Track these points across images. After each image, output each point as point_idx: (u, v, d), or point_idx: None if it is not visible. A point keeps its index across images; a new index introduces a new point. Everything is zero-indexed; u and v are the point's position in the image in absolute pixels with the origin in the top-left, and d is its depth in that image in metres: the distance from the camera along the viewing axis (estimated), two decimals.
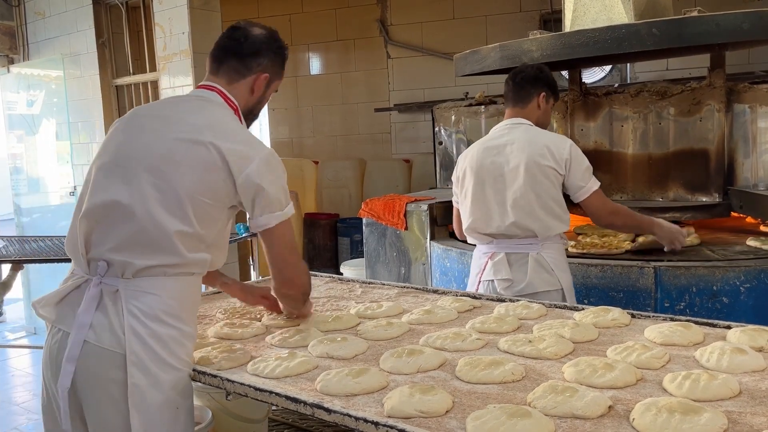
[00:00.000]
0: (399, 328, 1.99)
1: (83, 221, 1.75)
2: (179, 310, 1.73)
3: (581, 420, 1.33)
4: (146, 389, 1.66)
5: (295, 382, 1.62)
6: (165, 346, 1.69)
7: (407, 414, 1.38)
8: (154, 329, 1.68)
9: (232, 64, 1.88)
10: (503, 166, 2.68)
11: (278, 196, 1.79)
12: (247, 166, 1.73)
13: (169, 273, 1.72)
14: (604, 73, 6.35)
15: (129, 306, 1.68)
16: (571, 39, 3.13)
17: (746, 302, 2.68)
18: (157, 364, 1.67)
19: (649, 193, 3.74)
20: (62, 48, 6.11)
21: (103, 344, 1.68)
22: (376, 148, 7.43)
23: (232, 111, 1.87)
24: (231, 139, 1.75)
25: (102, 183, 1.76)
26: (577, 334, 1.84)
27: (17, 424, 4.20)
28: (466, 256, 3.30)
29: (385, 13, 7.30)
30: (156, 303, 1.70)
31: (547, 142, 2.65)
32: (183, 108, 1.84)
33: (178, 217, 1.70)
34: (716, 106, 3.50)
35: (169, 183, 1.71)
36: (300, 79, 7.81)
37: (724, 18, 2.80)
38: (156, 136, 1.77)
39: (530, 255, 2.63)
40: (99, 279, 1.71)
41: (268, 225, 1.79)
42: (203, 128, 1.75)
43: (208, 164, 1.72)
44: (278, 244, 1.84)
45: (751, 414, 1.32)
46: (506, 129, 2.76)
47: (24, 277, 6.40)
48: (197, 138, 1.73)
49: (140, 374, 1.66)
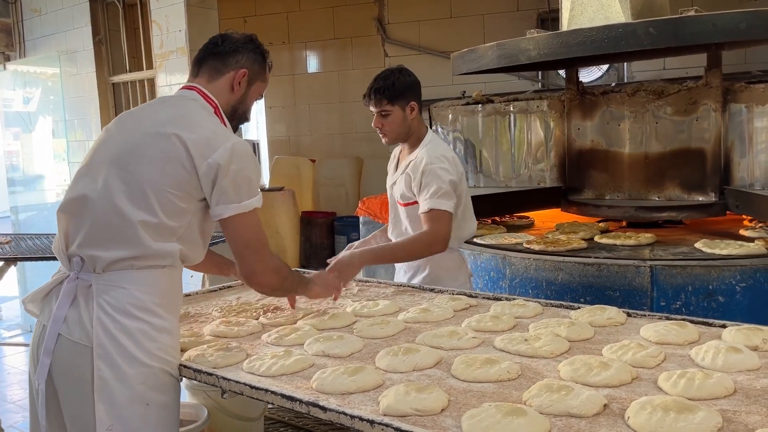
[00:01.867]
0: (395, 326, 1.99)
1: (60, 218, 1.80)
2: (151, 304, 1.73)
3: (576, 418, 1.33)
4: (113, 383, 1.67)
5: (291, 380, 1.62)
6: (133, 339, 1.69)
7: (403, 412, 1.38)
8: (122, 323, 1.69)
9: (211, 63, 1.92)
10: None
11: (237, 186, 1.75)
12: (209, 155, 1.72)
13: (137, 266, 1.72)
14: (601, 72, 6.36)
15: (99, 300, 1.70)
16: (568, 38, 3.13)
17: (742, 301, 2.69)
18: (124, 358, 1.68)
19: (646, 192, 3.75)
20: (59, 45, 6.09)
21: (74, 337, 1.70)
22: (374, 147, 7.40)
23: (210, 108, 1.88)
24: (195, 130, 1.75)
25: (75, 180, 1.81)
26: (572, 333, 1.84)
27: (13, 422, 4.19)
28: (462, 255, 3.30)
29: (383, 12, 7.30)
30: (125, 297, 1.71)
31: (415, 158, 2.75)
32: (159, 107, 1.89)
33: (141, 207, 1.71)
34: (713, 105, 3.51)
35: (133, 175, 1.72)
36: (297, 77, 7.80)
37: (721, 18, 2.80)
38: (126, 133, 1.81)
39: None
40: (76, 274, 1.74)
41: (221, 215, 1.77)
42: (169, 121, 1.77)
43: (171, 155, 1.72)
44: (234, 238, 1.80)
45: (746, 413, 1.33)
46: None
47: (20, 275, 6.39)
48: (161, 130, 1.75)
49: (107, 368, 1.67)
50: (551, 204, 4.03)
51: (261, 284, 1.90)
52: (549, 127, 4.06)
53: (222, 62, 1.91)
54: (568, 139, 3.99)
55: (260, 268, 1.84)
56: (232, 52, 1.92)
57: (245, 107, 1.98)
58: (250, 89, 1.96)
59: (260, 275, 1.85)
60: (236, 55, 1.92)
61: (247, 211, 1.78)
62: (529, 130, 4.12)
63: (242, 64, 1.92)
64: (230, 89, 1.92)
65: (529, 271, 3.10)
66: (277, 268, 1.89)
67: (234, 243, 1.81)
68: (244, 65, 1.92)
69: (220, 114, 1.89)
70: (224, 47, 1.92)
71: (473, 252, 3.20)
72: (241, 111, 1.98)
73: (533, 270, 3.08)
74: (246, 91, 1.95)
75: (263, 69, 1.99)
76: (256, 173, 1.83)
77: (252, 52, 1.95)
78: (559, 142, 4.03)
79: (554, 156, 4.06)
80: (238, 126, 2.02)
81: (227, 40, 1.93)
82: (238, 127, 2.02)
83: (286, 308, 2.28)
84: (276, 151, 7.89)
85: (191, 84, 1.92)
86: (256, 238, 1.83)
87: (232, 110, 1.94)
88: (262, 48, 1.99)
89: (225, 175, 1.73)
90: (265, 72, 2.01)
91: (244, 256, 1.82)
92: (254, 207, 1.80)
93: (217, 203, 1.76)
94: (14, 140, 6.91)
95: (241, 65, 1.92)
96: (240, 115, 1.98)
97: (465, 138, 4.41)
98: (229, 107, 1.93)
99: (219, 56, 1.91)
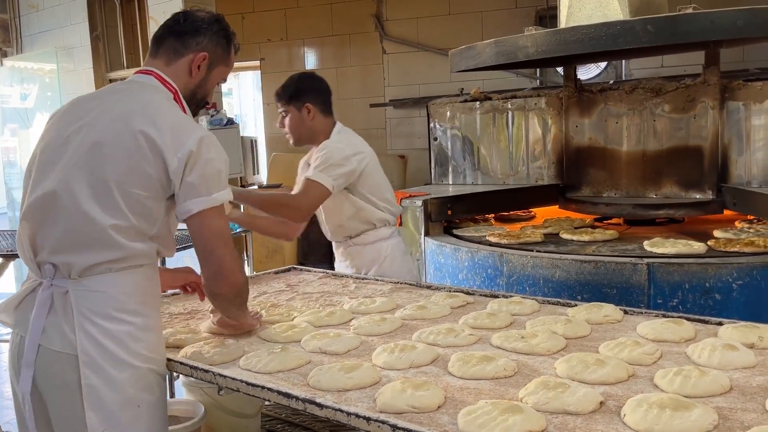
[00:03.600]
0: (392, 323, 1.99)
1: (24, 223, 1.71)
2: (133, 304, 1.68)
3: (573, 416, 1.33)
4: (102, 389, 1.62)
5: (288, 377, 1.62)
6: (120, 343, 1.64)
7: (399, 409, 1.38)
8: (106, 327, 1.63)
9: (170, 44, 1.80)
10: None
11: (205, 179, 1.66)
12: (178, 151, 1.64)
13: (114, 269, 1.66)
14: (600, 69, 6.35)
15: (79, 307, 1.64)
16: (566, 35, 3.12)
17: (738, 299, 2.69)
18: (112, 363, 1.63)
19: (643, 189, 3.75)
20: (56, 41, 6.08)
21: (55, 347, 1.65)
22: (371, 144, 7.30)
23: (169, 94, 1.77)
24: (160, 125, 1.65)
25: (36, 181, 1.71)
26: (569, 330, 1.84)
27: (9, 419, 4.18)
28: (461, 252, 3.30)
29: (381, 9, 7.29)
30: (106, 301, 1.65)
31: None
32: (115, 97, 1.76)
33: (111, 211, 1.63)
34: (710, 103, 3.51)
35: (98, 177, 1.64)
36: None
37: (719, 15, 2.80)
38: (86, 129, 1.69)
39: None
40: (49, 282, 1.67)
41: (190, 212, 1.66)
42: (131, 116, 1.67)
43: (137, 154, 1.64)
44: (203, 233, 1.68)
45: (742, 410, 1.33)
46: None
47: (17, 271, 6.38)
48: (125, 127, 1.65)
49: (94, 375, 1.62)
50: (549, 201, 4.03)
51: (230, 284, 1.74)
52: (547, 125, 4.06)
53: (182, 43, 1.79)
54: (566, 136, 3.99)
55: (232, 264, 1.72)
56: (193, 33, 1.80)
57: (204, 91, 1.87)
58: (211, 73, 1.85)
59: (230, 274, 1.72)
60: (197, 36, 1.80)
61: (217, 205, 1.68)
62: (527, 128, 4.12)
63: (203, 47, 1.80)
64: (188, 73, 1.81)
65: (526, 269, 3.10)
66: (243, 269, 1.79)
67: (202, 240, 1.68)
68: (205, 48, 1.81)
69: (179, 99, 1.79)
70: (185, 26, 1.80)
71: (471, 249, 3.20)
72: (201, 95, 1.87)
73: (530, 267, 3.08)
74: (206, 76, 1.84)
75: (226, 53, 1.87)
76: (225, 165, 1.73)
77: (215, 34, 1.83)
78: (557, 140, 4.03)
79: (552, 153, 4.06)
80: (197, 110, 1.91)
81: (189, 19, 1.82)
82: (197, 111, 1.91)
83: (282, 305, 2.28)
84: (274, 148, 7.88)
85: (148, 68, 1.80)
86: (227, 232, 1.73)
87: (190, 94, 1.84)
88: (227, 30, 1.87)
89: (193, 169, 1.64)
90: (229, 56, 1.89)
91: (217, 251, 1.69)
92: (224, 201, 1.71)
93: (185, 198, 1.66)
94: (11, 136, 6.90)
95: (201, 47, 1.80)
96: (199, 99, 1.87)
97: (463, 135, 4.41)
98: (188, 91, 1.83)
99: (179, 36, 1.80)
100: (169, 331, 1.97)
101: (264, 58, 7.85)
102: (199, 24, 1.81)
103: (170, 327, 2.05)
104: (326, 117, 2.87)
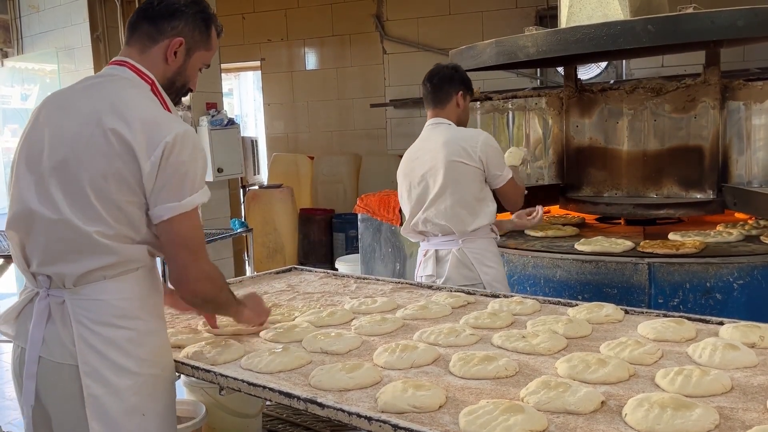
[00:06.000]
0: (393, 323, 1.99)
1: (11, 233, 1.65)
2: (133, 310, 1.63)
3: (574, 415, 1.34)
4: (105, 399, 1.58)
5: (289, 377, 1.62)
6: (121, 350, 1.60)
7: (400, 409, 1.38)
8: (106, 335, 1.59)
9: (144, 29, 1.69)
10: (421, 168, 2.79)
11: (176, 182, 1.57)
12: (151, 152, 1.54)
13: (109, 276, 1.60)
14: (600, 69, 6.35)
15: (77, 316, 1.59)
16: (566, 35, 3.13)
17: (739, 299, 2.69)
18: (114, 372, 1.59)
19: (644, 189, 3.75)
20: (56, 42, 6.08)
21: (56, 359, 1.61)
22: (372, 144, 7.42)
23: (145, 86, 1.67)
24: (133, 123, 1.55)
25: (15, 192, 1.64)
26: (570, 330, 1.84)
27: (11, 419, 4.19)
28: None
29: (381, 9, 7.29)
30: (105, 309, 1.60)
31: (462, 141, 2.74)
32: (86, 93, 1.65)
33: (93, 219, 1.56)
34: (711, 103, 3.51)
35: (75, 185, 1.56)
36: (296, 74, 7.79)
37: (719, 15, 2.81)
38: (59, 132, 1.61)
39: (452, 251, 2.73)
40: (46, 292, 1.62)
41: (161, 218, 1.58)
42: (101, 114, 1.57)
43: (111, 155, 1.54)
44: (169, 239, 1.61)
45: (743, 410, 1.33)
46: (427, 131, 2.90)
47: (17, 272, 6.38)
48: (96, 127, 1.56)
49: (96, 384, 1.58)
50: (550, 201, 4.04)
51: (194, 292, 1.67)
52: (547, 125, 4.06)
53: (156, 28, 1.68)
54: (566, 136, 3.99)
55: (195, 273, 1.63)
56: (167, 17, 1.68)
57: (185, 79, 1.75)
58: (190, 59, 1.73)
59: (194, 282, 1.64)
60: (173, 20, 1.68)
61: (189, 210, 1.59)
62: (527, 128, 4.12)
63: (179, 32, 1.68)
64: (164, 60, 1.69)
65: (527, 269, 3.10)
66: (214, 277, 1.70)
67: (169, 243, 1.61)
68: (180, 32, 1.68)
69: (157, 90, 1.68)
70: (159, 10, 1.68)
71: None
72: (180, 83, 1.75)
73: (531, 267, 3.08)
74: (185, 62, 1.72)
75: (206, 36, 1.75)
76: (201, 164, 1.62)
77: (192, 17, 1.70)
78: (558, 140, 4.03)
79: (552, 153, 4.06)
80: (179, 99, 1.79)
81: (164, 2, 1.69)
82: (179, 100, 1.79)
83: (283, 305, 2.28)
84: (274, 148, 7.89)
85: (122, 59, 1.69)
86: (196, 239, 1.63)
87: (169, 83, 1.72)
88: (206, 11, 1.74)
89: (164, 171, 1.55)
90: (209, 40, 1.76)
91: (179, 258, 1.62)
92: (197, 204, 1.61)
93: (155, 204, 1.57)
94: (12, 137, 6.90)
95: (177, 32, 1.68)
96: (179, 87, 1.75)
97: None
98: (166, 80, 1.71)
99: (152, 20, 1.68)
100: (170, 332, 1.97)
101: (264, 58, 7.86)
102: (174, 7, 1.69)
103: (171, 327, 2.05)
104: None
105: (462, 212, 2.70)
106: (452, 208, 2.70)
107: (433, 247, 2.79)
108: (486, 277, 2.71)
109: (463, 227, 2.71)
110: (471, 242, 2.73)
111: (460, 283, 2.65)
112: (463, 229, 2.71)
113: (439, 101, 2.86)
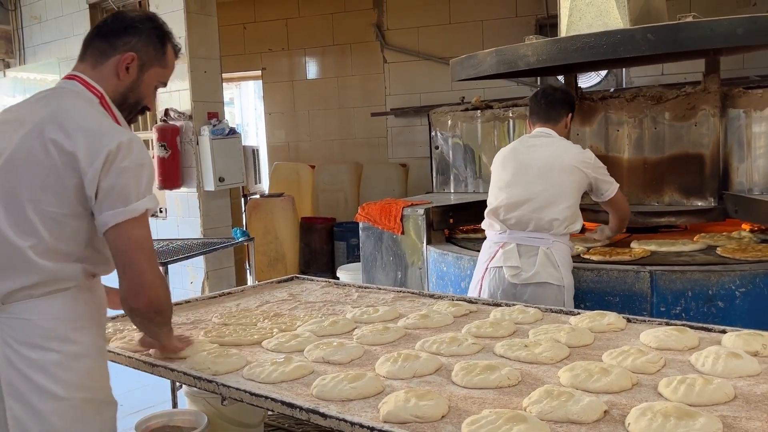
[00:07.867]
0: (395, 332, 1.99)
1: None
2: (63, 331, 1.58)
3: (577, 425, 1.33)
4: (28, 422, 1.55)
5: (291, 387, 1.61)
6: (45, 373, 1.55)
7: (403, 419, 1.38)
8: (31, 357, 1.55)
9: (96, 45, 1.69)
10: (537, 162, 2.85)
11: (121, 188, 1.54)
12: (94, 159, 1.52)
13: (35, 294, 1.56)
14: (600, 78, 6.36)
15: (3, 335, 1.56)
16: (566, 44, 3.14)
17: (741, 306, 2.69)
18: (37, 395, 1.55)
19: (645, 197, 3.75)
20: (58, 52, 6.10)
21: None
22: (373, 153, 7.43)
23: (94, 99, 1.65)
24: (74, 133, 1.54)
25: None
26: (572, 339, 1.84)
27: None
28: (463, 260, 3.30)
29: (382, 18, 7.32)
30: (32, 329, 1.56)
31: (574, 149, 2.91)
32: (33, 107, 1.65)
33: (27, 233, 1.54)
34: (711, 110, 3.52)
35: (11, 196, 1.55)
36: (296, 83, 7.81)
37: (719, 23, 2.81)
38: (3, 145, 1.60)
39: (540, 248, 2.78)
40: None
41: (107, 225, 1.54)
42: (43, 125, 1.56)
43: (50, 166, 1.53)
44: (120, 246, 1.56)
45: (747, 419, 1.33)
46: (540, 136, 2.96)
47: None
48: (36, 139, 1.55)
49: (18, 405, 1.55)
50: None
51: (150, 299, 1.60)
52: None
53: (108, 44, 1.67)
54: None
55: (152, 278, 1.58)
56: (120, 32, 1.67)
57: (138, 95, 1.72)
58: (144, 75, 1.71)
59: (152, 288, 1.59)
60: (125, 36, 1.67)
61: (137, 216, 1.56)
62: None
63: (131, 47, 1.67)
64: (116, 75, 1.67)
65: None
66: (166, 285, 1.67)
67: (119, 252, 1.56)
68: (133, 48, 1.67)
69: (106, 104, 1.66)
70: (112, 26, 1.68)
71: (473, 257, 3.20)
72: (134, 99, 1.72)
73: None
74: (138, 78, 1.70)
75: (161, 53, 1.73)
76: (145, 172, 1.59)
77: (146, 33, 1.69)
78: None
79: None
80: (132, 116, 1.76)
81: (118, 19, 1.70)
82: (133, 117, 1.77)
83: (285, 314, 2.28)
84: (275, 157, 7.90)
85: (73, 73, 1.69)
86: (148, 245, 1.60)
87: (121, 98, 1.70)
88: (161, 29, 1.73)
89: (106, 178, 1.52)
90: (165, 56, 1.74)
91: (136, 264, 1.56)
92: (144, 210, 1.58)
93: (100, 211, 1.54)
94: None
95: (129, 47, 1.67)
96: (132, 103, 1.73)
97: (464, 143, 4.42)
98: (118, 95, 1.69)
99: (105, 37, 1.68)
100: None
101: (265, 67, 7.88)
102: (128, 23, 1.69)
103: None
104: None
105: (570, 215, 2.80)
106: (567, 209, 2.78)
107: (514, 241, 2.83)
108: (566, 280, 2.76)
109: (562, 229, 2.79)
110: (559, 244, 2.80)
111: (546, 279, 2.73)
112: (561, 230, 2.79)
113: (551, 118, 2.98)
